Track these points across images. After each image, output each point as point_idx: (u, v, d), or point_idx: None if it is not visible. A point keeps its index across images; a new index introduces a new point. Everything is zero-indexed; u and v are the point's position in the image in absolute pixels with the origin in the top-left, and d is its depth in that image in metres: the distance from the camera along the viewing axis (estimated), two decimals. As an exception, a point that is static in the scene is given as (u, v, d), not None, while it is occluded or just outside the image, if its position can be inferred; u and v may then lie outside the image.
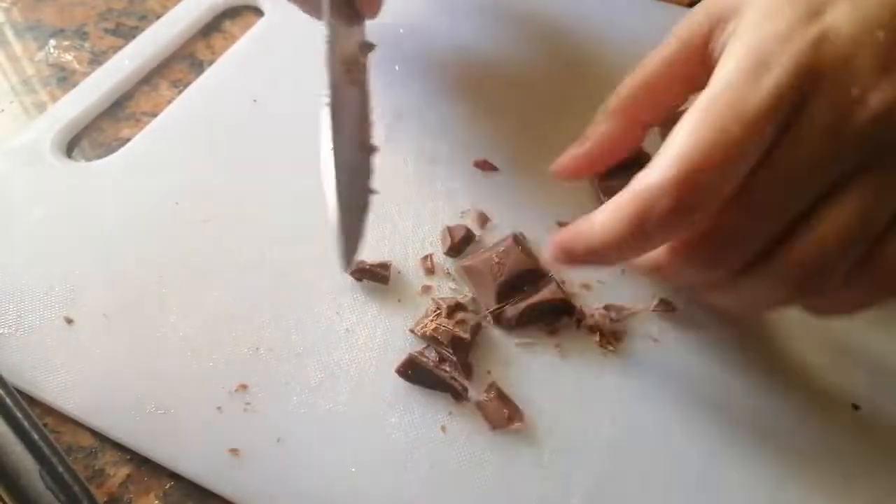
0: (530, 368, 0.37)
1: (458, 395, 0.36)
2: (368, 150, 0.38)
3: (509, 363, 0.38)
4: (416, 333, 0.38)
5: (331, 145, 0.36)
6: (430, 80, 0.52)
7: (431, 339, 0.37)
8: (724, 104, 0.28)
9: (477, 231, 0.43)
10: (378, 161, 0.46)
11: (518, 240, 0.40)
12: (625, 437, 0.35)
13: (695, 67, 0.33)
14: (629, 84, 0.36)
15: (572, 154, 0.38)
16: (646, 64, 0.35)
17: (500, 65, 0.53)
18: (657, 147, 0.46)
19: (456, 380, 0.36)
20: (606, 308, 0.39)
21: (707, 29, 0.32)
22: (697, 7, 0.34)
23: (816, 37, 0.28)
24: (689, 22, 0.34)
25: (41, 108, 0.52)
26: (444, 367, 0.37)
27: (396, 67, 0.52)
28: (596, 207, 0.43)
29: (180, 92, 0.52)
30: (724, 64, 0.30)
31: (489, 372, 0.37)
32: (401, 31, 0.55)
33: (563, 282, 0.40)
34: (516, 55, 0.53)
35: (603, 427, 0.35)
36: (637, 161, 0.44)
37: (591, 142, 0.37)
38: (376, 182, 0.45)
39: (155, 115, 0.50)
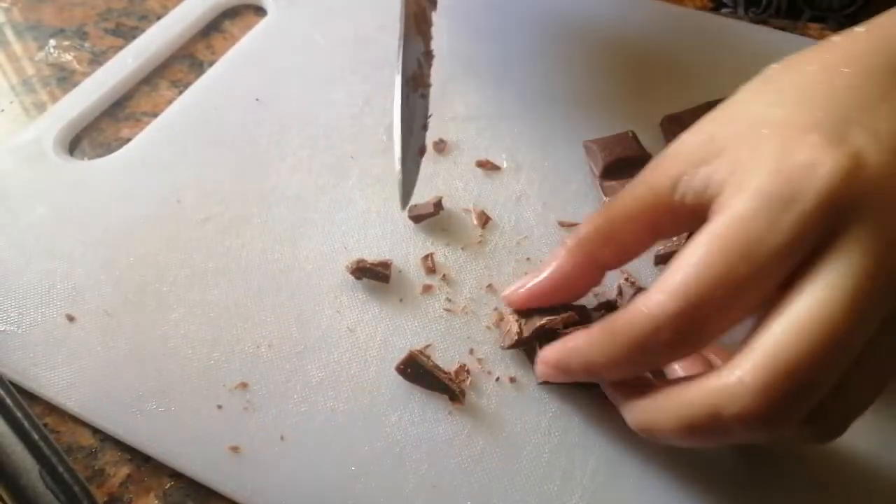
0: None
1: (455, 397, 0.36)
2: (424, 88, 0.41)
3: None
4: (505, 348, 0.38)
5: (398, 87, 0.38)
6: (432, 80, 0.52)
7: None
8: (736, 239, 0.26)
9: (479, 231, 0.43)
10: (379, 160, 0.47)
11: None
12: (624, 436, 0.35)
13: (662, 215, 0.31)
14: (592, 224, 0.33)
15: (528, 287, 0.35)
16: (611, 206, 0.33)
17: (503, 65, 0.53)
18: (657, 145, 0.46)
19: (454, 381, 0.36)
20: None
21: (675, 174, 0.30)
22: (665, 153, 0.32)
23: (846, 164, 0.26)
24: (658, 167, 0.32)
25: (41, 108, 0.52)
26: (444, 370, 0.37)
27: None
28: (598, 206, 0.44)
29: (180, 92, 0.52)
30: (729, 200, 0.28)
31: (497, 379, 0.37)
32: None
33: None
34: (518, 55, 0.53)
35: (603, 426, 0.35)
36: (638, 161, 0.45)
37: (548, 279, 0.35)
38: (377, 181, 0.45)
39: (155, 115, 0.50)
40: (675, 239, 0.41)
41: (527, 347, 0.37)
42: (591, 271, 0.34)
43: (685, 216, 0.30)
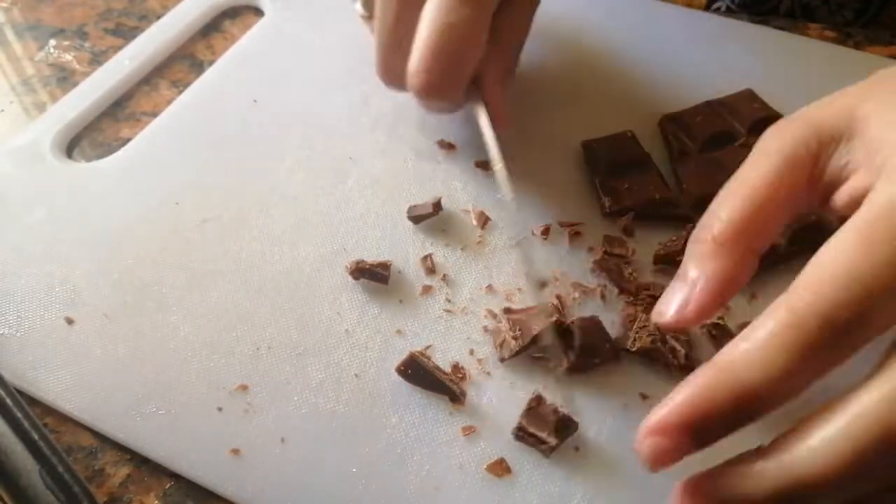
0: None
1: (456, 398, 0.36)
2: None
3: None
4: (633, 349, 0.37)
5: None
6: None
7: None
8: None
9: (478, 231, 0.43)
10: (378, 161, 0.47)
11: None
12: (624, 437, 0.35)
13: (801, 188, 0.29)
14: (738, 209, 0.29)
15: (681, 299, 0.30)
16: (748, 184, 0.30)
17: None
18: (656, 145, 0.46)
19: (455, 382, 0.36)
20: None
21: (816, 147, 0.29)
22: (795, 122, 0.30)
23: None
24: (793, 139, 0.29)
25: (41, 108, 0.52)
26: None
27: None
28: (598, 207, 0.44)
29: (180, 92, 0.52)
30: (882, 186, 0.26)
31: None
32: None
33: None
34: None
35: (604, 427, 0.35)
36: (637, 161, 0.45)
37: (707, 281, 0.29)
38: (376, 182, 0.45)
39: (155, 115, 0.50)
40: (674, 238, 0.41)
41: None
42: (750, 265, 0.30)
43: (819, 192, 0.29)
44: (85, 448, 0.36)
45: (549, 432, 0.34)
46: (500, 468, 0.34)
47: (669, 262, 0.41)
